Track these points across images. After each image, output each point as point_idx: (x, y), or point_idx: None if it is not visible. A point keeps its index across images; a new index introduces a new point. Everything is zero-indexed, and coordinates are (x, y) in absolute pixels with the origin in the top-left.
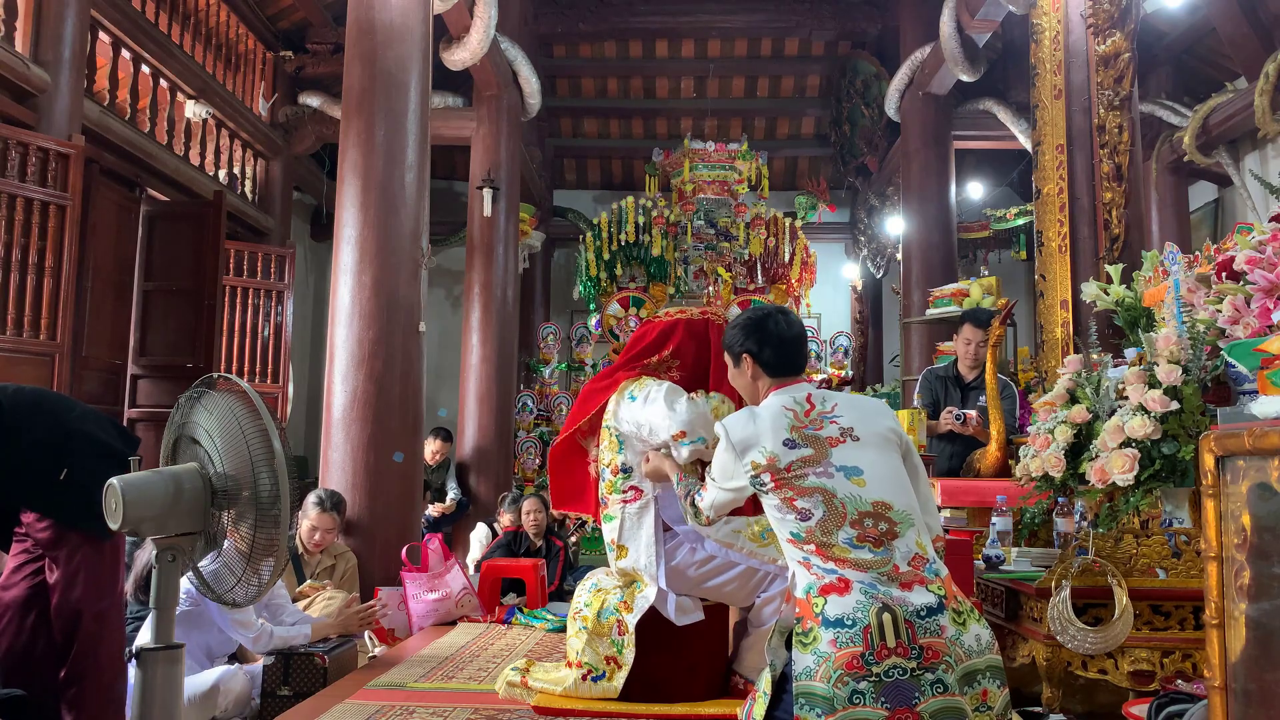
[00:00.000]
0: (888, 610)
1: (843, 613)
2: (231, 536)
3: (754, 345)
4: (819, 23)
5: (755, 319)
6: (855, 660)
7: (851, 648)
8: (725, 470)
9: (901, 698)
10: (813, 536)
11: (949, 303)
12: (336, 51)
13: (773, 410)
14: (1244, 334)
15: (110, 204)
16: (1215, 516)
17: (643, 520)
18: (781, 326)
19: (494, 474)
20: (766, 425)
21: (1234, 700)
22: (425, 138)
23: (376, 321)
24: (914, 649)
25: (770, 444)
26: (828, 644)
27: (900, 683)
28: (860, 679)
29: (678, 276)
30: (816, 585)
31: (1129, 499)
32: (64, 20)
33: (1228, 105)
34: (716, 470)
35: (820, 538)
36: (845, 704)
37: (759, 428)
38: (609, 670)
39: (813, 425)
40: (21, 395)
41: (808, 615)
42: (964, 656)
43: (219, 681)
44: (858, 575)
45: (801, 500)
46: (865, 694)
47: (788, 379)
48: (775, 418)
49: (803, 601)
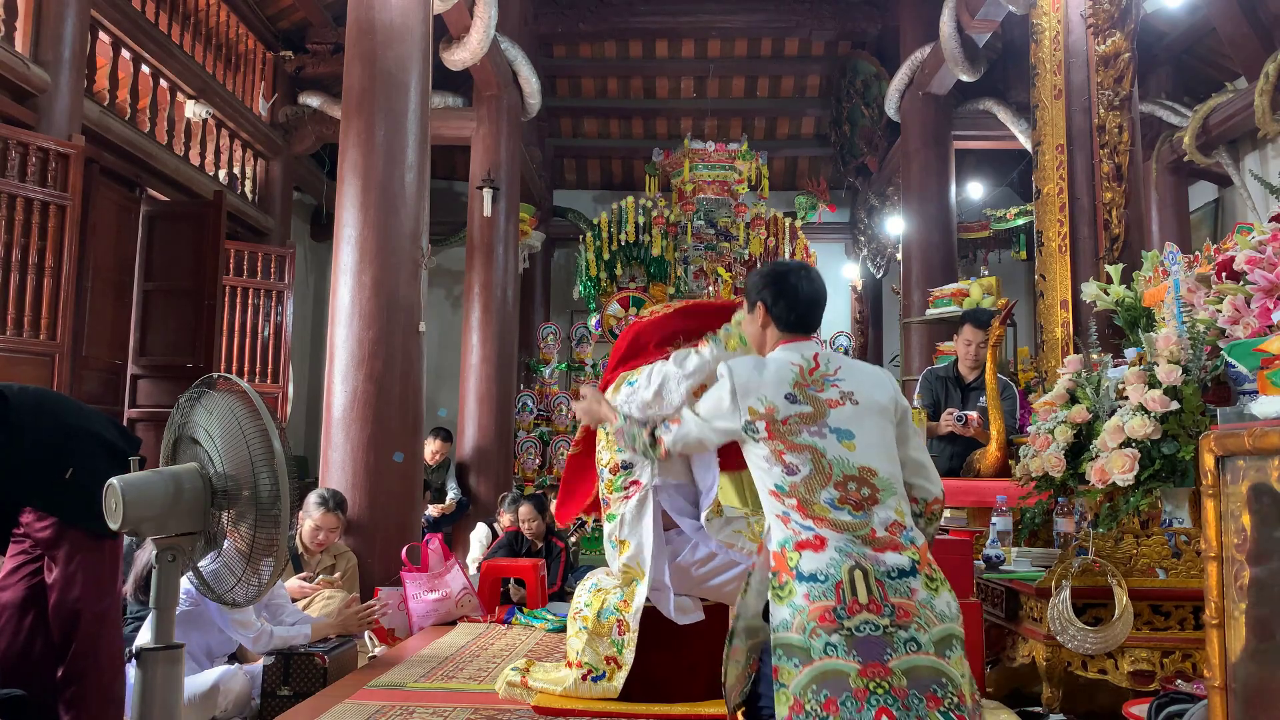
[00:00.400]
0: (859, 568)
1: (816, 568)
2: (231, 536)
3: (770, 296)
4: (819, 23)
5: (778, 271)
6: (828, 614)
7: (824, 601)
8: (717, 409)
9: (873, 652)
10: (796, 491)
11: (949, 303)
12: (336, 51)
13: (779, 363)
14: (1244, 334)
15: (110, 204)
16: (1215, 516)
17: (643, 512)
18: (802, 284)
19: (494, 474)
20: (771, 376)
21: (1234, 700)
22: (425, 138)
23: (376, 321)
24: (886, 607)
25: (772, 394)
26: (802, 597)
27: (872, 638)
28: (833, 632)
29: (678, 276)
30: (792, 540)
31: (1129, 499)
32: (64, 20)
33: (1228, 105)
34: (706, 407)
35: (803, 494)
36: (820, 655)
37: (764, 377)
38: (609, 670)
39: (815, 385)
40: (25, 394)
41: (783, 569)
42: (935, 620)
43: (219, 681)
44: (834, 535)
45: (791, 455)
46: (838, 646)
47: (797, 336)
48: (780, 370)
49: (778, 555)
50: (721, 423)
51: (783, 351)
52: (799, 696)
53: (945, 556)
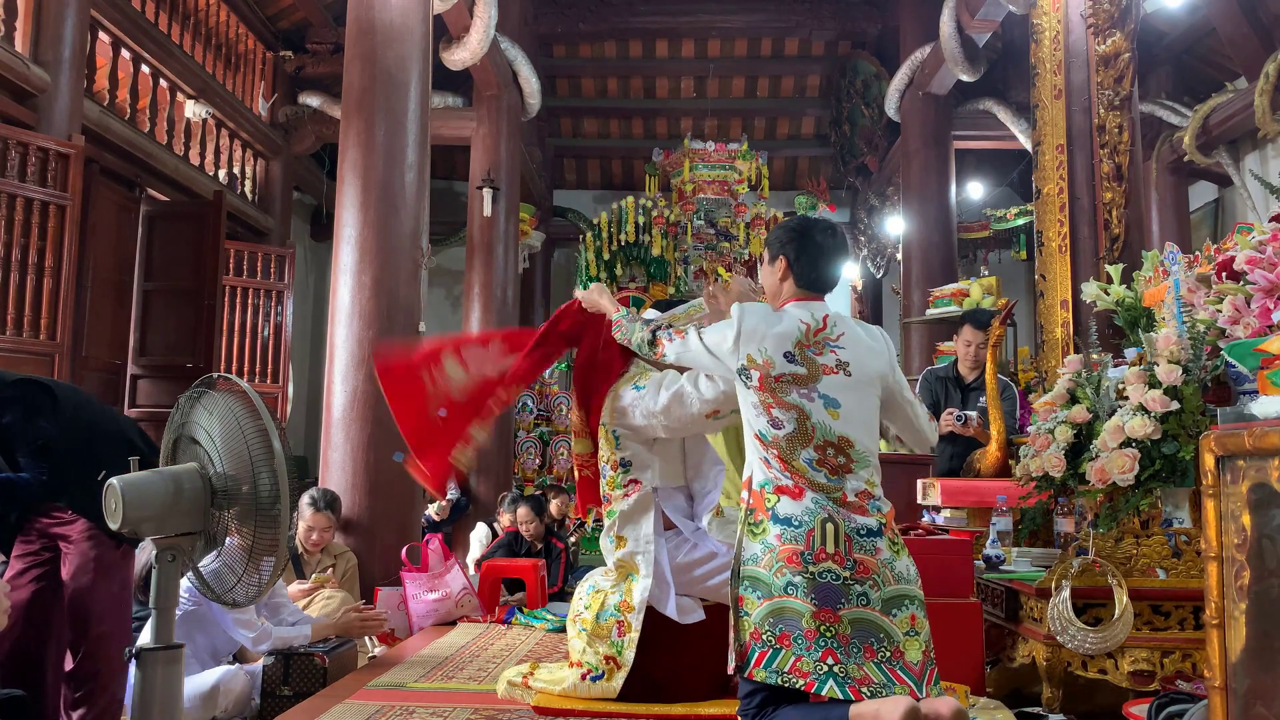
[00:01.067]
0: (831, 521)
1: (792, 513)
2: (231, 536)
3: (793, 251)
4: (819, 23)
5: (803, 226)
6: (795, 556)
7: (794, 545)
8: (721, 344)
9: (828, 599)
10: (777, 444)
11: (949, 303)
12: (336, 51)
13: (789, 319)
14: (1244, 334)
15: (110, 204)
16: (1215, 516)
17: (642, 512)
18: (827, 241)
19: (494, 474)
20: (778, 330)
21: (1234, 700)
22: (425, 138)
23: (376, 321)
24: (849, 561)
25: (773, 349)
26: (774, 537)
27: (831, 585)
28: (797, 574)
29: (678, 276)
30: (772, 484)
31: (1129, 499)
32: (64, 20)
33: (1228, 105)
34: (712, 338)
35: (784, 448)
36: (780, 592)
37: (770, 330)
38: (608, 670)
39: (815, 347)
40: (65, 391)
41: (759, 507)
42: (892, 580)
43: (220, 681)
44: (811, 487)
45: (778, 410)
46: (799, 587)
47: (812, 294)
48: (787, 326)
49: (756, 494)
50: (721, 356)
51: (795, 308)
52: (758, 625)
53: (945, 556)
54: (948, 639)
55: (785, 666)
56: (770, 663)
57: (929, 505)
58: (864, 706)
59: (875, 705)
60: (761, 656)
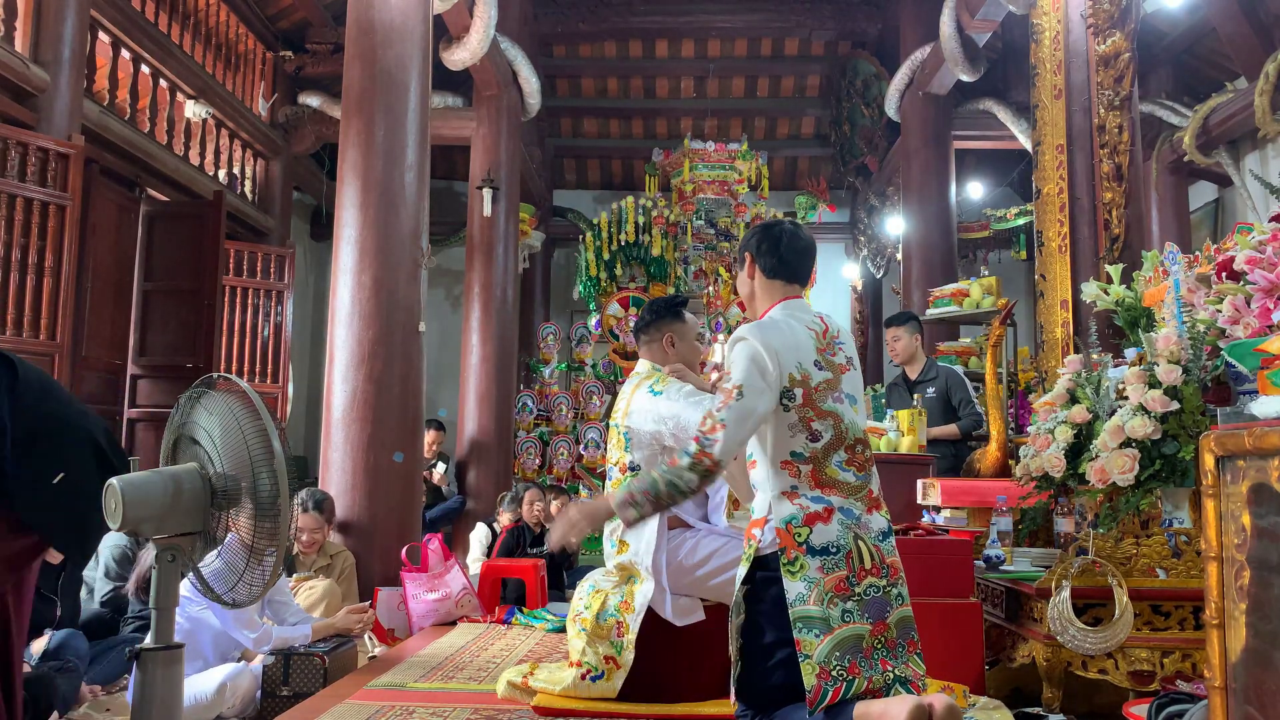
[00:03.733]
0: (860, 538)
1: (827, 541)
2: (231, 536)
3: (754, 245)
4: (819, 23)
5: (764, 224)
6: (842, 583)
7: (838, 572)
8: (758, 379)
9: (879, 611)
10: (815, 459)
11: (949, 303)
12: (336, 51)
13: (797, 329)
14: (1244, 334)
15: (110, 204)
16: (1215, 516)
17: (648, 518)
18: (785, 234)
19: (494, 474)
20: (798, 341)
21: (1234, 700)
22: (425, 138)
23: (376, 321)
24: (884, 568)
25: (805, 361)
26: (816, 570)
27: (876, 599)
28: (848, 599)
29: (678, 276)
30: (800, 516)
31: (1129, 499)
32: (64, 20)
33: (1228, 105)
34: (747, 378)
35: (820, 457)
36: (839, 622)
37: (793, 341)
38: (608, 670)
39: (830, 350)
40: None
41: (790, 545)
42: (904, 573)
43: (226, 680)
44: (839, 500)
45: (818, 422)
46: (853, 612)
47: (790, 289)
48: (803, 337)
49: (782, 531)
50: (764, 396)
51: (785, 312)
52: (824, 664)
53: (945, 556)
54: (948, 639)
55: (861, 690)
56: (846, 693)
57: (929, 505)
58: (870, 706)
59: (882, 705)
60: (836, 692)
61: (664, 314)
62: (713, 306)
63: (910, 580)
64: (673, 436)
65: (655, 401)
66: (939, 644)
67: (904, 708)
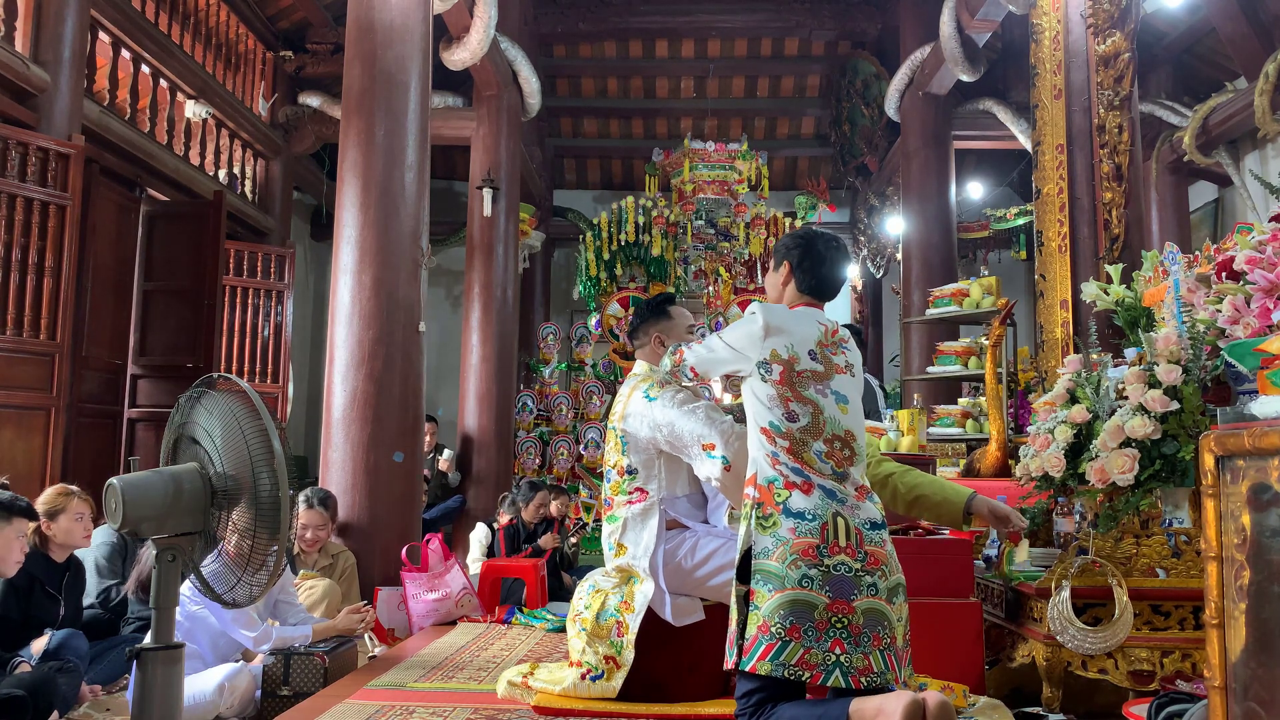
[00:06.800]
0: (841, 516)
1: (805, 507)
2: (231, 536)
3: (796, 257)
4: (819, 23)
5: (809, 235)
6: (811, 550)
7: (809, 538)
8: (747, 339)
9: (843, 591)
10: (790, 436)
11: (949, 303)
12: (336, 51)
13: (809, 321)
14: (1244, 334)
15: (110, 204)
16: (1215, 516)
17: (646, 522)
18: (829, 252)
19: (494, 474)
20: (802, 330)
21: (1234, 700)
22: (425, 138)
23: (376, 321)
24: (860, 553)
25: (799, 345)
26: (787, 530)
27: (844, 578)
28: (812, 566)
29: (678, 276)
30: (781, 480)
31: (1129, 499)
32: (64, 20)
33: (1228, 105)
34: (735, 335)
35: (797, 439)
36: (795, 585)
37: (795, 327)
38: (607, 670)
39: (831, 349)
40: None
41: (768, 502)
42: (894, 570)
43: (225, 680)
44: (820, 480)
45: (795, 404)
46: (814, 580)
47: (812, 301)
48: (810, 328)
49: (764, 489)
50: (743, 350)
51: (808, 312)
52: (767, 618)
53: (945, 556)
54: (948, 639)
55: (793, 659)
56: (778, 655)
57: None
58: (865, 703)
59: (878, 702)
60: (769, 649)
61: (649, 315)
62: (713, 306)
63: (910, 580)
64: (668, 444)
65: (650, 407)
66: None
67: (899, 704)
